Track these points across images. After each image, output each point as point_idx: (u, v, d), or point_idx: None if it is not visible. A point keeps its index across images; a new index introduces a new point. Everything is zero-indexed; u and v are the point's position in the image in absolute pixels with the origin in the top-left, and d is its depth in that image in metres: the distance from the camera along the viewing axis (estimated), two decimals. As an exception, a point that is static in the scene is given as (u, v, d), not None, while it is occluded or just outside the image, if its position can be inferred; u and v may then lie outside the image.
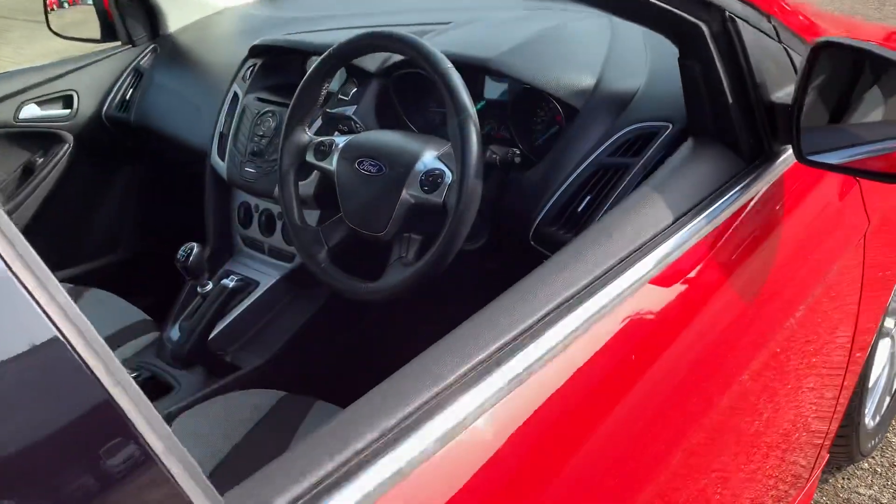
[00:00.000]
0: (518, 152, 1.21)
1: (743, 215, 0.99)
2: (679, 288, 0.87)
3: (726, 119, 1.03)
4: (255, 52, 1.66)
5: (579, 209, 1.15)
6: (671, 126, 1.13)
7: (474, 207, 1.07)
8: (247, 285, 1.57)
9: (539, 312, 0.73)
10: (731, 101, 1.01)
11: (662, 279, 0.85)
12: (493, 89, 1.39)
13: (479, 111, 1.13)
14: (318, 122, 1.44)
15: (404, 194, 1.15)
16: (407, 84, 1.45)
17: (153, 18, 1.98)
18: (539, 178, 1.22)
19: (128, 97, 1.92)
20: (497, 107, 1.38)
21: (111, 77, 1.94)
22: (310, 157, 1.26)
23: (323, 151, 1.25)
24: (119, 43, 1.99)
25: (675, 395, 0.86)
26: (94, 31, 2.00)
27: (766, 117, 1.04)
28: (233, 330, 1.53)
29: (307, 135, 1.27)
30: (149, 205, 2.05)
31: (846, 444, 1.73)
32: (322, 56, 1.22)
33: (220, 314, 1.41)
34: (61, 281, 0.39)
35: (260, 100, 1.59)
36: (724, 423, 0.97)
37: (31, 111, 1.82)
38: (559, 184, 1.18)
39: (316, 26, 1.72)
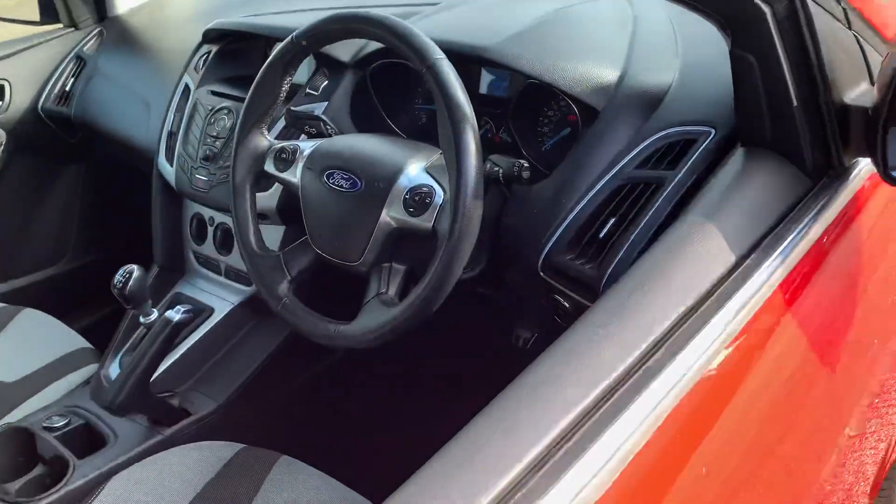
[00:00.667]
0: (527, 165, 1.02)
1: (818, 249, 0.80)
2: (760, 354, 0.68)
3: (789, 125, 0.87)
4: (210, 36, 1.50)
5: (601, 234, 0.97)
6: (713, 132, 0.96)
7: (472, 236, 0.89)
8: (199, 313, 1.40)
9: (579, 407, 0.54)
10: (795, 102, 0.85)
11: (739, 341, 0.64)
12: (490, 84, 1.22)
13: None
14: (281, 123, 1.29)
15: (384, 216, 0.96)
16: (388, 77, 1.28)
17: (100, -2, 1.86)
18: (550, 194, 1.04)
19: (68, 88, 1.78)
20: (495, 105, 1.21)
21: (49, 65, 1.79)
22: (269, 167, 1.08)
23: (285, 160, 1.07)
24: (60, 26, 1.85)
25: (740, 476, 0.69)
26: (33, 12, 1.87)
27: (838, 123, 0.88)
28: (181, 367, 1.36)
29: (266, 139, 1.09)
30: (94, 212, 1.91)
31: (888, 488, 1.55)
32: (283, 42, 1.04)
33: (165, 350, 1.21)
34: None
35: (214, 93, 1.43)
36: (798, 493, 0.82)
37: (-46, 104, 1.69)
38: (575, 201, 1.01)
39: (283, 7, 1.56)
